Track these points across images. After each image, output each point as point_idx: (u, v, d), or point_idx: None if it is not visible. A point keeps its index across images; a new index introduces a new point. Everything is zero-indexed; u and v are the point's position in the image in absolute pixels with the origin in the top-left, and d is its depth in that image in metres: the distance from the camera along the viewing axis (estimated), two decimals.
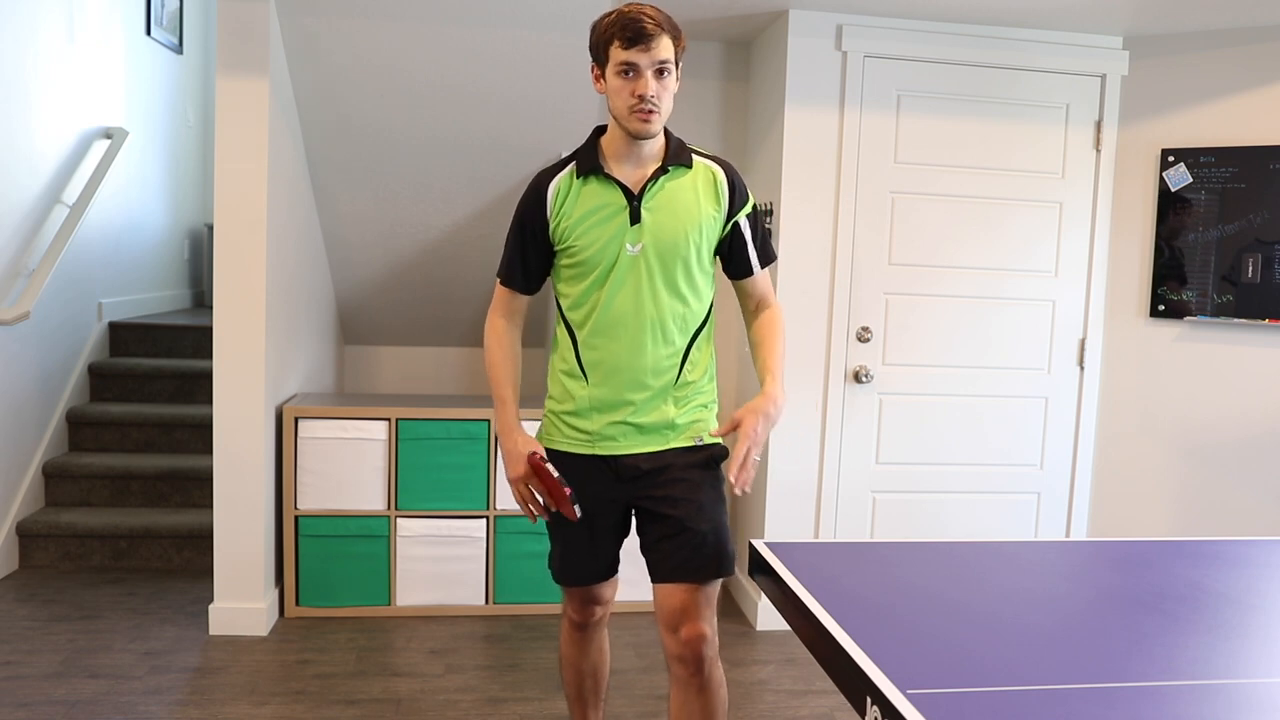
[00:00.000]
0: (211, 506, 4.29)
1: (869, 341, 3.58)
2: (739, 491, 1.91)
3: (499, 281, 2.14)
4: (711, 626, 2.03)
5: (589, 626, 2.29)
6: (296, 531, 3.55)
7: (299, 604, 3.58)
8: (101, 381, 4.68)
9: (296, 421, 3.51)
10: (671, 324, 2.03)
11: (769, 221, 3.61)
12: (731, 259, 2.10)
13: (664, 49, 1.89)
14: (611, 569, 2.20)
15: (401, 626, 3.53)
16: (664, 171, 2.00)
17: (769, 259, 2.13)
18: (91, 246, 4.78)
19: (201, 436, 4.51)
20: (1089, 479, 3.76)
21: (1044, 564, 1.81)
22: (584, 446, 2.08)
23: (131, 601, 3.67)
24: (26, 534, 4.00)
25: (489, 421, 3.61)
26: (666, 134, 2.04)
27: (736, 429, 1.93)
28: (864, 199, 3.53)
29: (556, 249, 2.05)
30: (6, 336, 3.94)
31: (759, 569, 1.80)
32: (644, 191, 1.99)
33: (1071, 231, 3.65)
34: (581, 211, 2.00)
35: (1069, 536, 3.78)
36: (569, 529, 2.14)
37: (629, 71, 1.89)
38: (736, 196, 2.06)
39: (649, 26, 1.87)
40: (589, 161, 2.00)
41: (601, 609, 2.26)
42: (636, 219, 1.98)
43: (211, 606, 3.38)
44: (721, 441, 2.13)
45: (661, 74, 1.90)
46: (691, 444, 2.08)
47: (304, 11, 3.22)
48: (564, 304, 2.08)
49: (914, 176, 3.55)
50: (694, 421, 2.08)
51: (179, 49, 5.95)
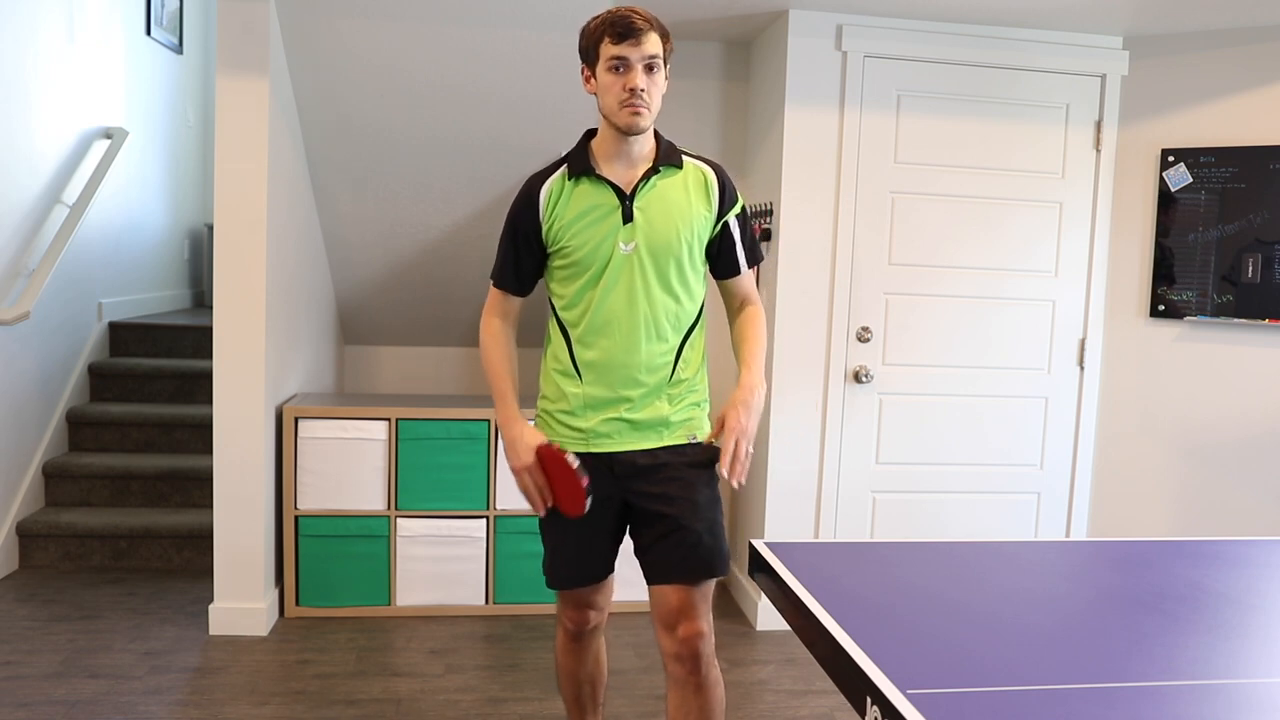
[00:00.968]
0: (211, 506, 4.29)
1: (869, 341, 3.58)
2: (735, 484, 1.92)
3: (492, 283, 2.16)
4: (708, 625, 2.03)
5: (584, 635, 2.26)
6: (296, 531, 3.55)
7: (299, 604, 3.58)
8: (101, 381, 4.68)
9: (296, 421, 3.51)
10: (665, 321, 2.04)
11: (768, 221, 3.61)
12: (719, 258, 2.12)
13: (653, 44, 1.93)
14: (607, 570, 2.19)
15: (401, 626, 3.53)
16: (655, 171, 2.02)
17: (756, 259, 2.16)
18: (91, 246, 4.78)
19: (201, 436, 4.51)
20: (1089, 479, 3.76)
21: (1044, 564, 1.81)
22: (579, 444, 2.08)
23: (131, 601, 3.67)
24: (26, 534, 4.00)
25: (489, 421, 3.61)
26: (657, 136, 2.06)
27: (724, 426, 1.96)
28: (864, 199, 3.53)
29: (550, 250, 2.06)
30: (6, 336, 3.94)
31: (759, 569, 1.80)
32: (636, 191, 2.01)
33: (1071, 231, 3.65)
34: (574, 213, 2.01)
35: (1069, 536, 3.78)
36: (562, 530, 2.12)
37: (619, 66, 1.92)
38: (726, 196, 2.08)
39: (638, 22, 1.91)
40: (580, 163, 2.03)
41: (596, 615, 2.24)
42: (629, 218, 2.00)
43: (211, 606, 3.39)
44: (715, 441, 2.14)
45: (651, 69, 1.94)
46: (686, 441, 2.08)
47: (304, 11, 3.22)
48: (557, 304, 2.09)
49: (914, 176, 3.55)
50: (688, 419, 2.09)
51: (179, 49, 5.95)
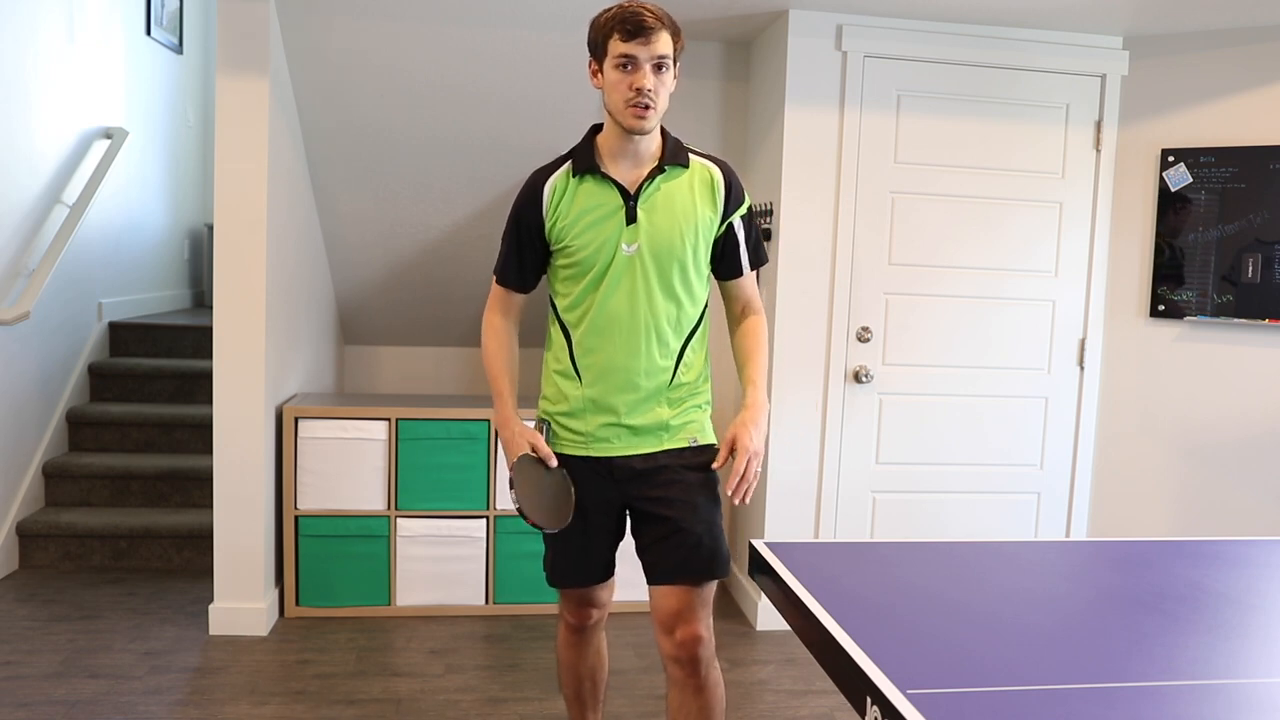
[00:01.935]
0: (211, 506, 4.29)
1: (869, 341, 3.58)
2: (737, 502, 1.93)
3: (495, 280, 2.14)
4: (707, 628, 2.02)
5: (585, 630, 2.27)
6: (296, 531, 3.55)
7: (299, 604, 3.58)
8: (101, 381, 4.68)
9: (296, 421, 3.51)
10: (666, 325, 2.02)
11: (768, 221, 3.61)
12: (723, 259, 2.09)
13: (663, 44, 1.89)
14: (607, 571, 2.19)
15: (401, 626, 3.53)
16: (660, 171, 1.99)
17: (760, 261, 2.13)
18: (91, 246, 4.78)
19: (201, 436, 4.51)
20: (1089, 479, 3.76)
21: (1044, 564, 1.81)
22: (578, 447, 2.08)
23: (131, 601, 3.67)
24: (26, 534, 4.00)
25: (489, 422, 3.61)
26: (663, 133, 2.03)
27: (734, 447, 1.97)
28: (864, 199, 3.53)
29: (553, 248, 2.04)
30: (6, 336, 3.94)
31: (759, 569, 1.80)
32: (640, 191, 1.98)
33: (1071, 231, 3.65)
34: (577, 211, 1.99)
35: (1069, 536, 3.78)
36: (563, 531, 2.12)
37: (627, 65, 1.89)
38: (732, 197, 2.05)
39: (649, 20, 1.87)
40: (585, 160, 2.00)
41: (598, 612, 2.24)
42: (632, 219, 1.98)
43: (211, 606, 3.38)
44: (715, 443, 2.13)
45: (660, 69, 1.90)
46: (686, 445, 2.07)
47: (304, 11, 3.22)
48: (559, 304, 2.08)
49: (914, 176, 3.55)
50: (688, 423, 2.08)
51: (179, 49, 5.95)
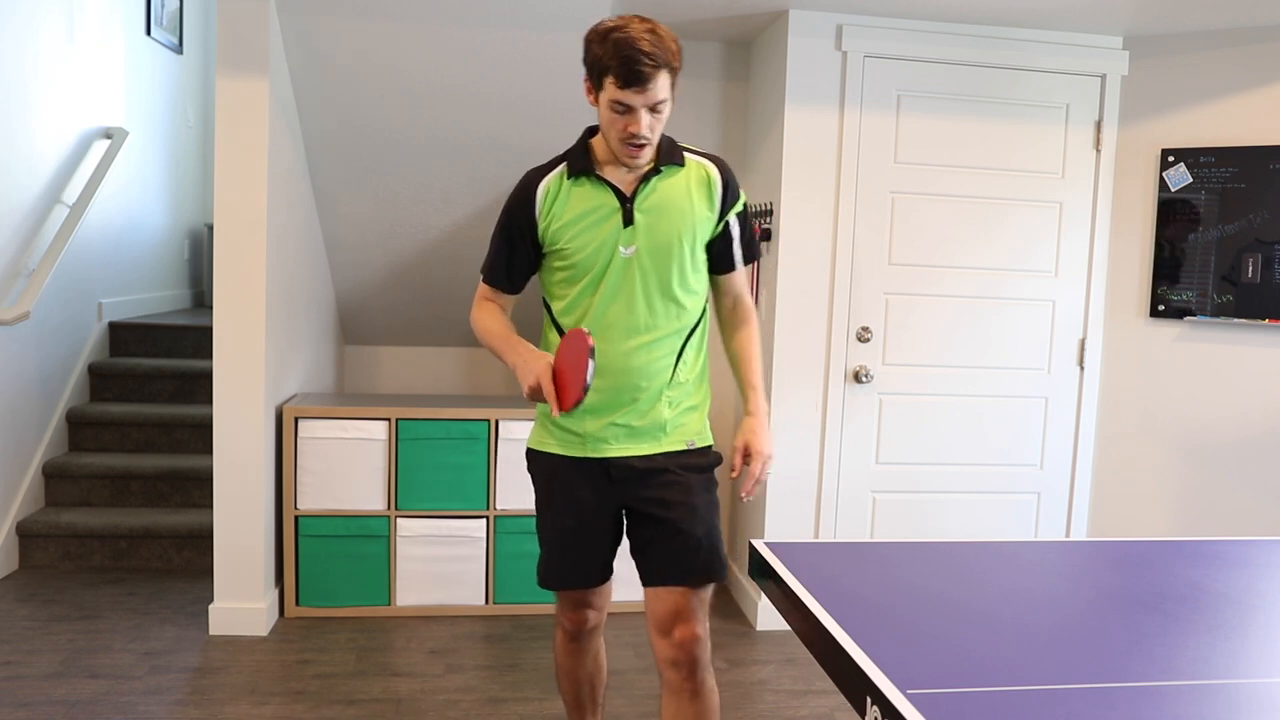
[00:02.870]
0: (211, 506, 4.29)
1: (869, 341, 3.58)
2: (744, 496, 1.97)
3: (482, 279, 2.10)
4: (704, 630, 1.99)
5: (582, 636, 2.23)
6: (296, 531, 3.55)
7: (299, 604, 3.58)
8: (101, 381, 4.68)
9: (296, 421, 3.51)
10: (666, 325, 2.01)
11: (768, 221, 3.61)
12: (716, 255, 2.08)
13: (660, 89, 1.84)
14: (604, 574, 2.16)
15: (401, 626, 3.53)
16: (656, 172, 1.97)
17: (752, 256, 2.13)
18: (91, 246, 4.78)
19: (201, 436, 4.51)
20: (1089, 479, 3.76)
21: (1044, 564, 1.81)
22: (575, 449, 2.06)
23: (131, 601, 3.67)
24: (26, 534, 4.00)
25: (489, 422, 3.61)
26: None
27: (748, 454, 2.03)
28: (864, 199, 3.53)
29: (546, 251, 2.02)
30: (6, 336, 3.94)
31: (759, 569, 1.80)
32: (636, 193, 1.96)
33: (1071, 231, 3.65)
34: (573, 214, 1.97)
35: (1069, 536, 3.78)
36: (559, 531, 2.10)
37: (622, 109, 1.85)
38: (729, 194, 2.04)
39: (646, 69, 1.80)
40: (580, 163, 1.98)
41: (595, 615, 2.21)
42: (629, 221, 1.96)
43: (211, 606, 3.39)
44: (713, 444, 2.15)
45: (656, 109, 1.86)
46: (684, 447, 2.06)
47: (304, 11, 3.22)
48: (555, 307, 2.05)
49: (914, 176, 3.55)
50: (684, 423, 2.06)
51: (179, 49, 5.95)
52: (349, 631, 3.47)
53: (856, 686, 1.31)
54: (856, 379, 3.58)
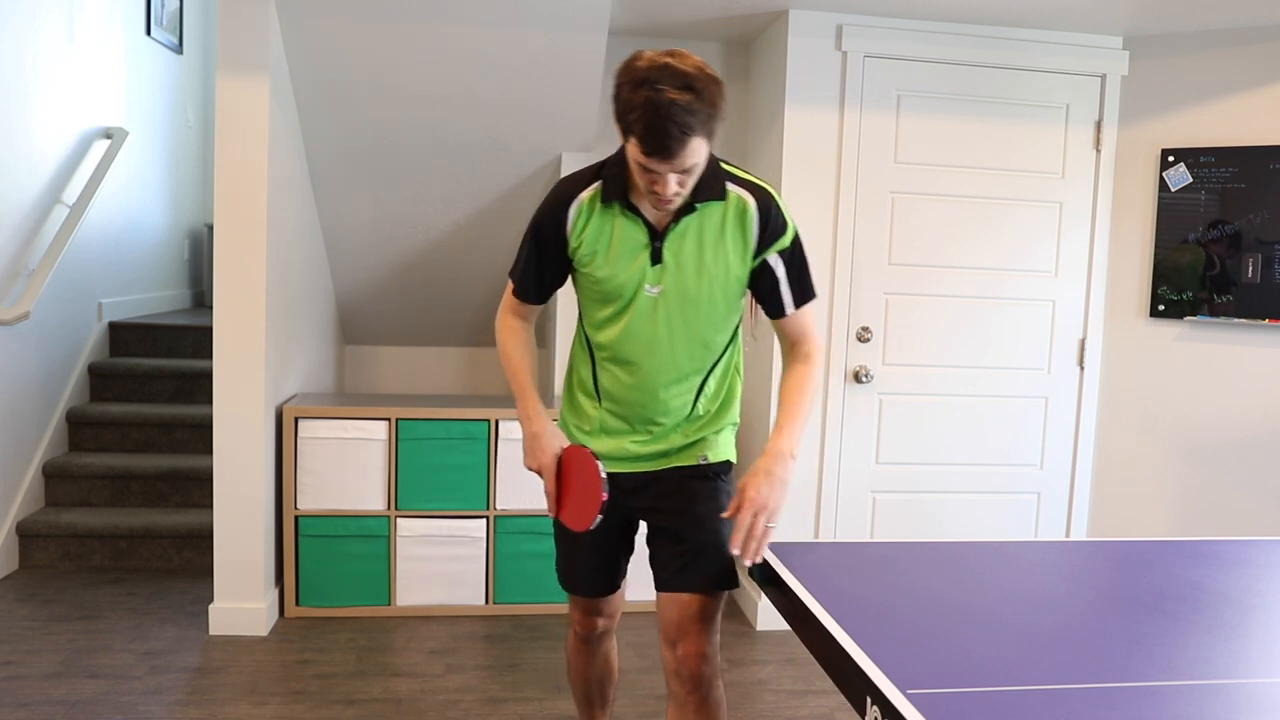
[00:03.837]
0: (211, 506, 4.29)
1: (869, 341, 3.58)
2: (748, 563, 1.77)
3: (511, 288, 2.02)
4: (712, 645, 1.93)
5: (592, 639, 2.22)
6: (296, 531, 3.55)
7: (299, 604, 3.58)
8: (101, 381, 4.68)
9: (296, 421, 3.51)
10: (687, 366, 1.92)
11: None
12: (764, 297, 1.91)
13: (691, 155, 1.66)
14: (612, 584, 2.13)
15: (401, 626, 3.53)
16: (690, 209, 1.82)
17: (806, 298, 1.92)
18: (91, 246, 4.78)
19: (201, 436, 4.51)
20: (1089, 479, 3.76)
21: (1044, 564, 1.81)
22: None
23: (131, 601, 3.67)
24: (26, 534, 4.00)
25: (489, 422, 3.60)
26: None
27: (742, 499, 1.79)
28: (864, 199, 3.53)
29: (576, 266, 1.93)
30: (6, 336, 3.94)
31: (759, 569, 1.80)
32: (668, 230, 1.83)
33: (1071, 231, 3.65)
34: (603, 241, 1.86)
35: (1069, 536, 3.78)
36: (571, 538, 2.09)
37: (649, 171, 1.70)
38: (768, 231, 1.85)
39: (674, 141, 1.63)
40: (616, 187, 1.84)
41: (604, 622, 2.19)
42: (657, 259, 1.84)
43: (211, 606, 3.39)
44: (730, 459, 2.02)
45: (688, 171, 1.70)
46: (696, 463, 1.99)
47: (304, 11, 3.22)
48: (585, 321, 1.99)
49: (914, 176, 3.55)
50: (699, 440, 1.99)
51: (179, 49, 5.95)
52: (349, 631, 3.47)
53: (856, 686, 1.31)
54: (856, 379, 3.58)
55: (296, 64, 3.40)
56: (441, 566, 3.63)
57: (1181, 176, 3.52)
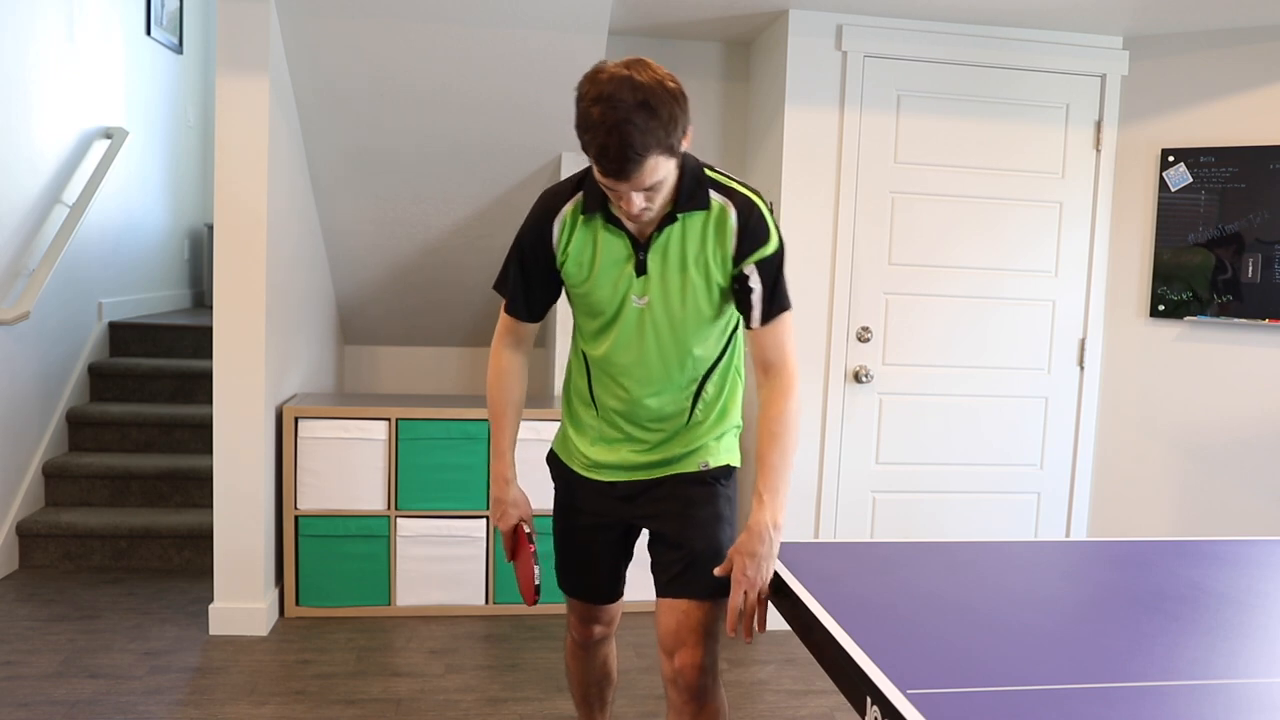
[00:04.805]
0: (211, 506, 4.29)
1: (869, 341, 3.58)
2: (748, 639, 1.77)
3: (504, 309, 1.98)
4: (710, 655, 1.89)
5: (589, 646, 2.21)
6: (296, 531, 3.55)
7: (299, 604, 3.58)
8: (101, 381, 4.68)
9: (296, 421, 3.51)
10: (679, 377, 1.90)
11: None
12: (737, 304, 1.86)
13: (650, 173, 1.63)
14: (611, 591, 2.12)
15: (401, 626, 3.53)
16: (672, 219, 1.78)
17: (773, 314, 1.83)
18: (91, 246, 4.78)
19: (201, 436, 4.51)
20: (1089, 479, 3.76)
21: (1044, 564, 1.81)
22: (589, 471, 2.02)
23: (131, 601, 3.67)
24: (26, 534, 4.00)
25: (489, 422, 3.60)
26: (681, 167, 1.78)
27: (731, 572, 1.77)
28: (864, 199, 3.53)
29: (564, 281, 1.91)
30: (6, 336, 3.94)
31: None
32: (651, 241, 1.80)
33: (1071, 231, 3.65)
34: (588, 254, 1.84)
35: (1069, 536, 3.78)
36: (566, 544, 2.09)
37: (611, 189, 1.68)
38: (746, 240, 1.80)
39: (631, 163, 1.59)
40: (596, 198, 1.81)
41: (602, 629, 2.18)
42: (642, 270, 1.82)
43: (211, 606, 3.39)
44: (731, 464, 2.00)
45: (651, 189, 1.66)
46: (696, 470, 1.96)
47: (304, 11, 3.22)
48: (579, 333, 1.97)
49: (914, 176, 3.55)
50: (699, 447, 1.97)
51: (179, 49, 5.95)
52: (349, 631, 3.47)
53: (856, 686, 1.31)
54: (856, 379, 3.58)
55: (296, 64, 3.40)
56: (441, 566, 3.63)
57: (1181, 176, 3.52)
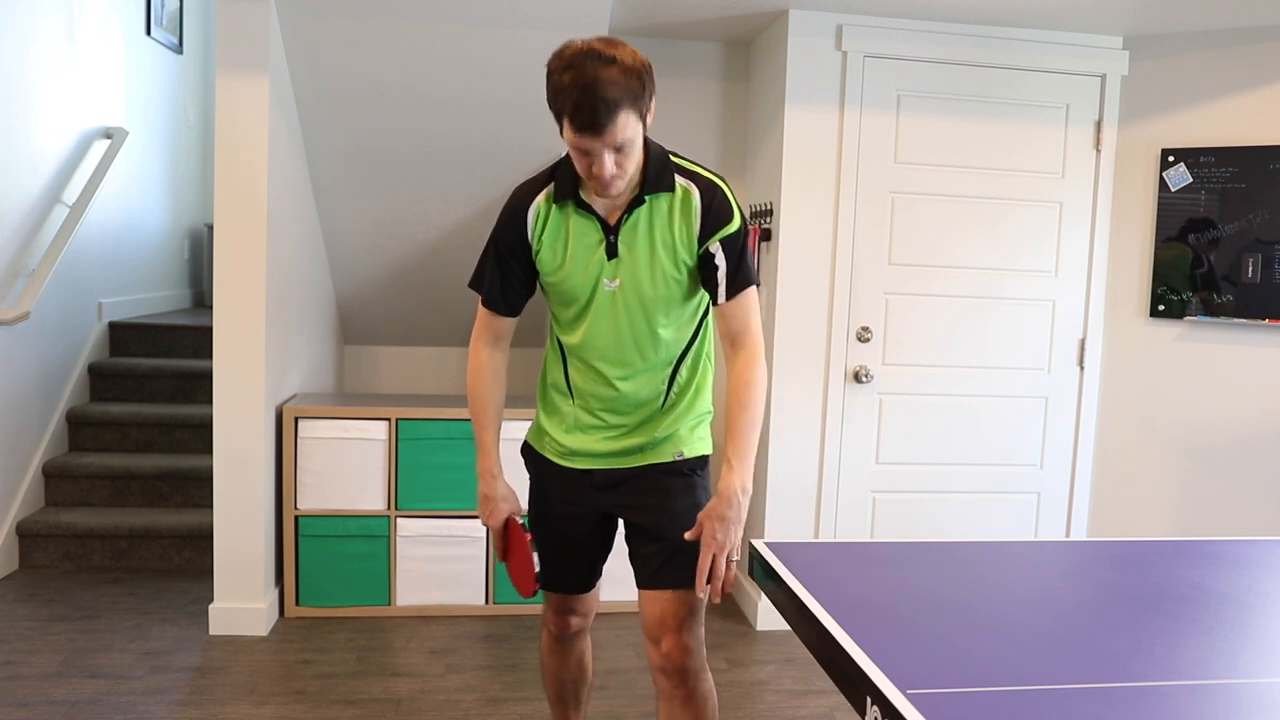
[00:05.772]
0: (211, 506, 4.29)
1: (869, 341, 3.58)
2: (716, 601, 1.82)
3: (480, 303, 2.02)
4: (695, 638, 1.95)
5: (566, 638, 2.23)
6: (296, 531, 3.55)
7: (299, 604, 3.58)
8: (101, 381, 4.68)
9: (296, 421, 3.51)
10: (654, 359, 1.94)
11: (768, 221, 3.61)
12: (703, 282, 1.92)
13: (621, 128, 1.70)
14: (588, 581, 2.14)
15: (401, 626, 3.53)
16: (640, 201, 1.85)
17: (737, 289, 1.89)
18: (91, 246, 4.78)
19: (201, 436, 4.51)
20: (1089, 479, 3.76)
21: (1044, 564, 1.81)
22: (563, 459, 2.04)
23: (131, 601, 3.67)
24: (26, 534, 4.00)
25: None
26: (647, 151, 1.86)
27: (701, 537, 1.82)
28: (864, 199, 3.53)
29: (539, 270, 1.95)
30: (6, 336, 3.94)
31: (760, 569, 1.80)
32: (620, 224, 1.86)
33: (1071, 231, 3.65)
34: (560, 241, 1.90)
35: (1069, 536, 3.78)
36: (546, 535, 2.10)
37: (584, 151, 1.73)
38: (709, 220, 1.87)
39: (602, 115, 1.67)
40: (566, 186, 1.88)
41: (578, 620, 2.19)
42: (613, 253, 1.87)
43: (211, 606, 3.39)
44: (706, 453, 2.04)
45: (621, 149, 1.73)
46: (672, 459, 2.00)
47: (304, 11, 3.22)
48: (554, 323, 2.02)
49: (914, 176, 3.55)
50: (673, 434, 2.00)
51: (179, 49, 5.95)
52: (349, 631, 3.47)
53: (856, 686, 1.31)
54: (856, 379, 3.58)
55: (296, 64, 3.41)
56: (441, 566, 3.63)
57: (1181, 176, 3.52)
